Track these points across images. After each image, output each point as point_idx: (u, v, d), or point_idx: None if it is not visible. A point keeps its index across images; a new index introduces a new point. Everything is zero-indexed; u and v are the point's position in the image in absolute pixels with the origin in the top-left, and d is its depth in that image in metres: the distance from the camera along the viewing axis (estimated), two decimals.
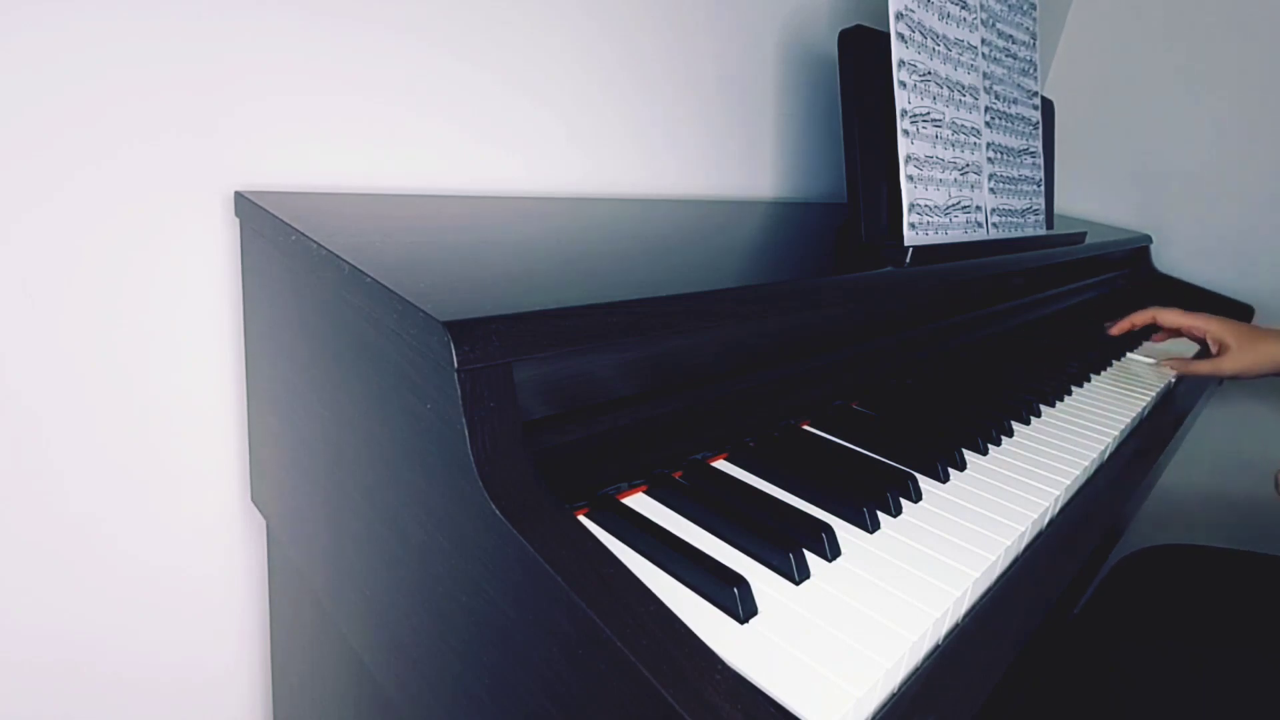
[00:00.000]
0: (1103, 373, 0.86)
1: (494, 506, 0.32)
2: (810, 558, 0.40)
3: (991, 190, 0.79)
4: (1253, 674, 0.63)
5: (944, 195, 0.70)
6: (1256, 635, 0.68)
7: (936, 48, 0.69)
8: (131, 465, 0.55)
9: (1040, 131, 0.90)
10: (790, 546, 0.38)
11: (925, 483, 0.51)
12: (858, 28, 0.68)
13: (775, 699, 0.31)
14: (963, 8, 0.74)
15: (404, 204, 0.57)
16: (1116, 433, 0.67)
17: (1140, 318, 0.96)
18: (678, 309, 0.42)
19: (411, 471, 0.38)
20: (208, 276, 0.55)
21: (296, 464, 0.51)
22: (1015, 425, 0.64)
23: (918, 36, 0.67)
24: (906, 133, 0.65)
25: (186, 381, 0.56)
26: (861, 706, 0.31)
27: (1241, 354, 0.87)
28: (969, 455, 0.56)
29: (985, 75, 0.78)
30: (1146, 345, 1.02)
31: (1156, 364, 0.91)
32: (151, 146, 0.50)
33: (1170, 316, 0.94)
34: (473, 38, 0.63)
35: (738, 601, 0.34)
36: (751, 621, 0.35)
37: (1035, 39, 0.88)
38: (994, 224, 0.79)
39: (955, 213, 0.72)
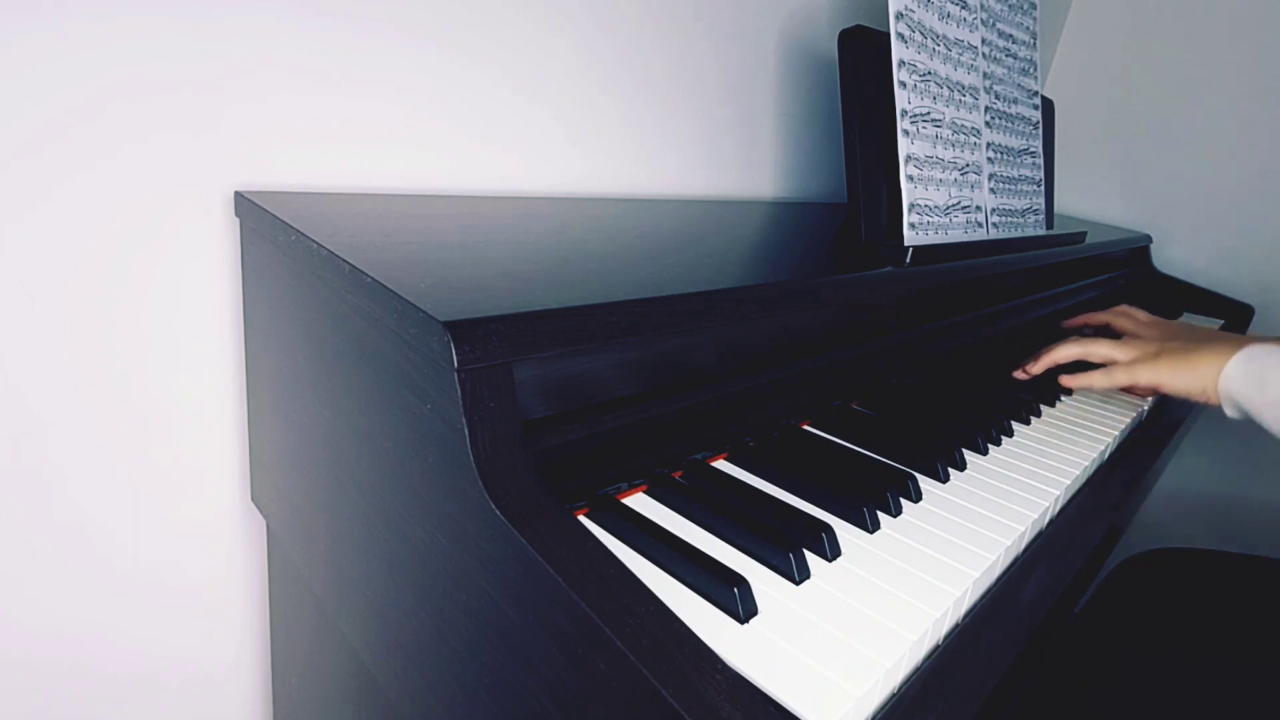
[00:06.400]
0: None
1: (494, 506, 0.32)
2: (810, 558, 0.40)
3: (991, 190, 0.79)
4: (1253, 683, 0.63)
5: (944, 195, 0.70)
6: (1259, 641, 0.68)
7: (936, 48, 0.69)
8: (132, 465, 0.55)
9: (1040, 131, 0.90)
10: (790, 546, 0.38)
11: (925, 483, 0.51)
12: (858, 28, 0.68)
13: (775, 699, 0.31)
14: (963, 8, 0.74)
15: (404, 204, 0.57)
16: (1117, 433, 0.67)
17: (1097, 317, 0.93)
18: (678, 309, 0.42)
19: (411, 471, 0.38)
20: (208, 276, 0.55)
21: (296, 464, 0.51)
22: (1015, 425, 0.64)
23: (918, 36, 0.67)
24: (906, 133, 0.65)
25: (187, 381, 0.56)
26: (861, 706, 0.31)
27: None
28: (969, 455, 0.56)
29: (985, 75, 0.78)
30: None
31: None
32: (151, 146, 0.50)
33: (1124, 324, 0.88)
34: (473, 38, 0.63)
35: (738, 601, 0.34)
36: (751, 621, 0.35)
37: (1035, 39, 0.88)
38: (994, 224, 0.79)
39: (955, 213, 0.72)
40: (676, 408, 0.47)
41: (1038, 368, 0.74)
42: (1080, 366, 0.75)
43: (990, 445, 0.59)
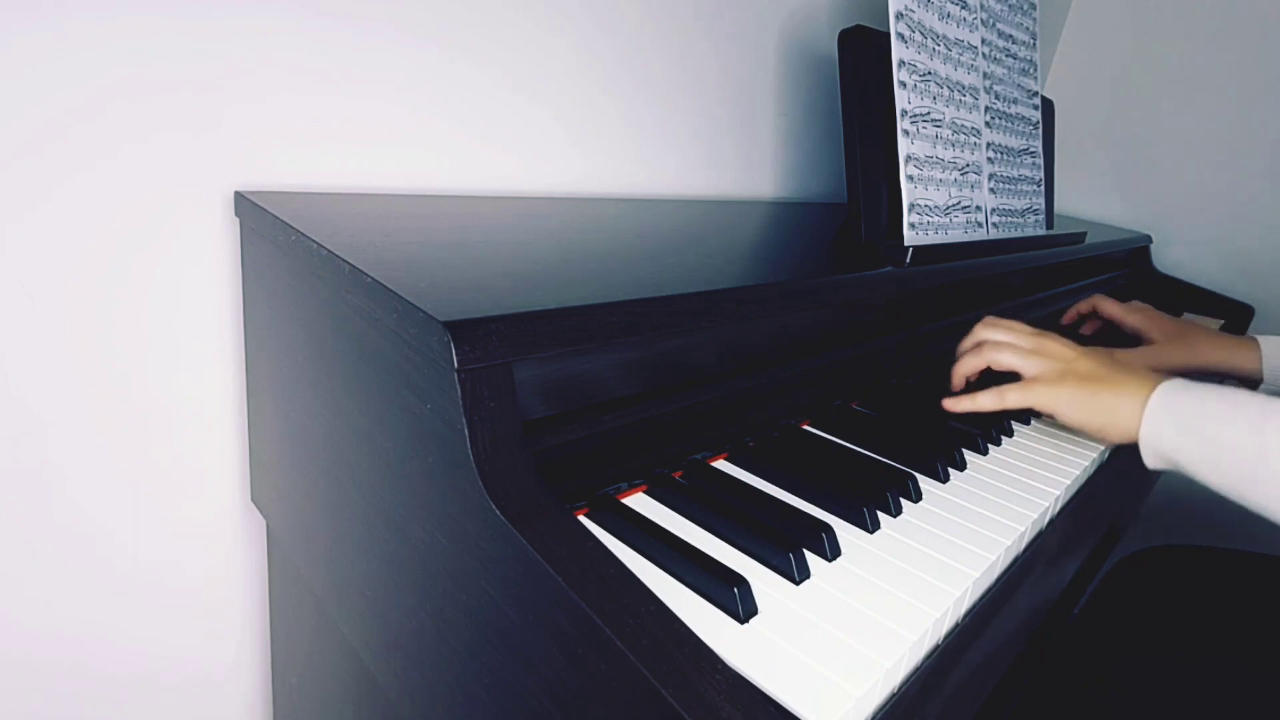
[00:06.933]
0: None
1: (494, 506, 0.32)
2: (810, 558, 0.40)
3: (991, 190, 0.79)
4: (1253, 683, 0.63)
5: (944, 195, 0.70)
6: (1259, 641, 0.68)
7: (936, 48, 0.69)
8: (132, 465, 0.55)
9: (1040, 131, 0.90)
10: (790, 546, 0.38)
11: (925, 483, 0.51)
12: (858, 28, 0.68)
13: (775, 699, 0.31)
14: (963, 8, 0.74)
15: (404, 204, 0.57)
16: None
17: (1083, 305, 0.95)
18: (678, 309, 0.42)
19: (411, 471, 0.38)
20: (207, 276, 0.55)
21: (296, 464, 0.51)
22: (1016, 425, 0.64)
23: (918, 36, 0.67)
24: (906, 133, 0.65)
25: (186, 381, 0.56)
26: (861, 706, 0.31)
27: (1172, 350, 0.83)
28: (969, 455, 0.56)
29: (985, 75, 0.78)
30: None
31: None
32: (151, 146, 0.50)
33: (1108, 306, 0.92)
34: (473, 38, 0.63)
35: (738, 601, 0.34)
36: (751, 621, 0.35)
37: (1035, 39, 0.88)
38: (994, 224, 0.79)
39: (955, 213, 0.72)
40: (676, 408, 0.47)
41: (954, 391, 0.65)
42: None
43: (990, 445, 0.58)
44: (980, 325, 0.67)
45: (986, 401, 0.61)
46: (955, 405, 0.62)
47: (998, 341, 0.64)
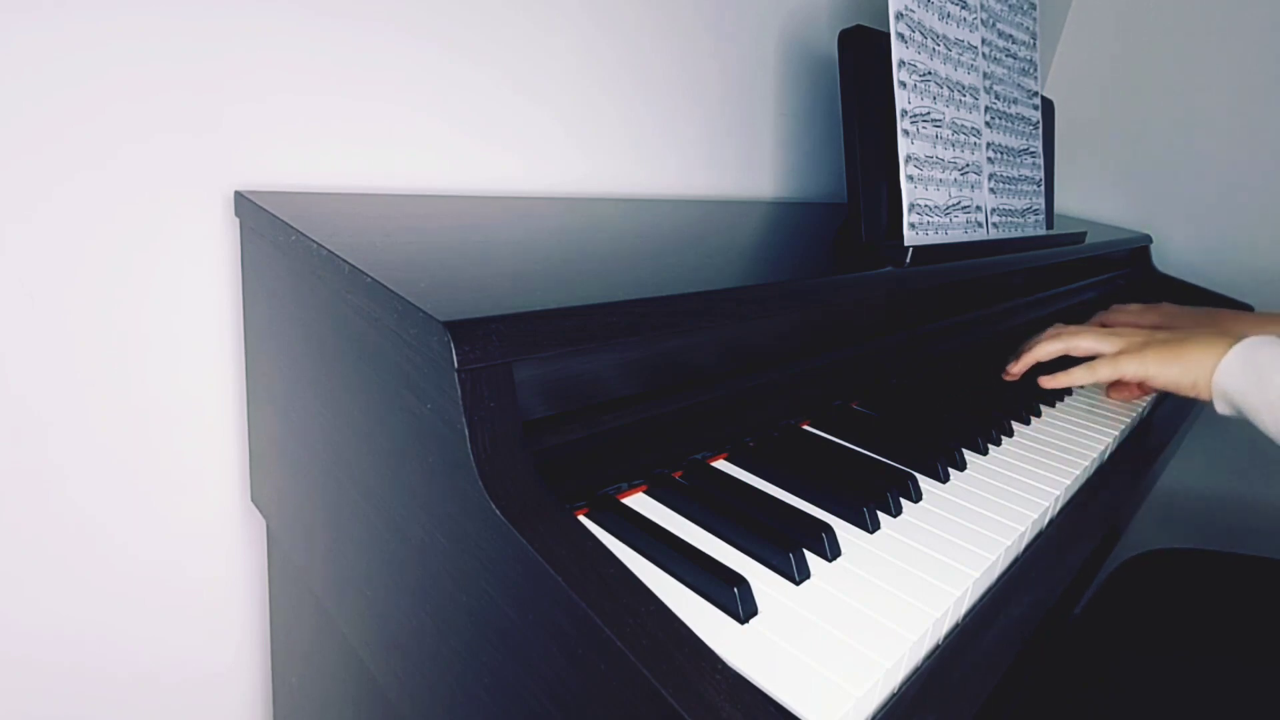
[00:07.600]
0: None
1: (494, 506, 0.32)
2: (810, 558, 0.40)
3: (991, 190, 0.79)
4: (1253, 683, 0.63)
5: (944, 195, 0.70)
6: (1259, 641, 0.68)
7: (936, 48, 0.69)
8: (132, 465, 0.55)
9: (1040, 131, 0.90)
10: (790, 546, 0.38)
11: (925, 483, 0.51)
12: (858, 28, 0.68)
13: (775, 699, 0.31)
14: (963, 8, 0.74)
15: (404, 204, 0.57)
16: (1117, 432, 0.67)
17: (1105, 318, 0.94)
18: (678, 309, 0.42)
19: (411, 471, 0.38)
20: (207, 276, 0.55)
21: (296, 464, 0.51)
22: (1015, 425, 0.64)
23: (918, 36, 0.67)
24: (906, 133, 0.65)
25: (186, 381, 0.56)
26: (861, 706, 0.31)
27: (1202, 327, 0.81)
28: (969, 455, 0.56)
29: (985, 75, 0.78)
30: None
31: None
32: (151, 146, 0.50)
33: (1117, 318, 0.90)
34: (473, 38, 0.63)
35: (738, 601, 0.34)
36: (751, 621, 0.35)
37: (1035, 39, 0.88)
38: (994, 224, 0.79)
39: (955, 213, 0.72)
40: (676, 408, 0.47)
41: (1020, 366, 0.71)
42: (1063, 365, 0.73)
43: (990, 445, 0.59)
44: (1052, 328, 0.72)
45: (1080, 376, 0.65)
46: (1052, 382, 0.66)
47: (1076, 329, 0.69)
